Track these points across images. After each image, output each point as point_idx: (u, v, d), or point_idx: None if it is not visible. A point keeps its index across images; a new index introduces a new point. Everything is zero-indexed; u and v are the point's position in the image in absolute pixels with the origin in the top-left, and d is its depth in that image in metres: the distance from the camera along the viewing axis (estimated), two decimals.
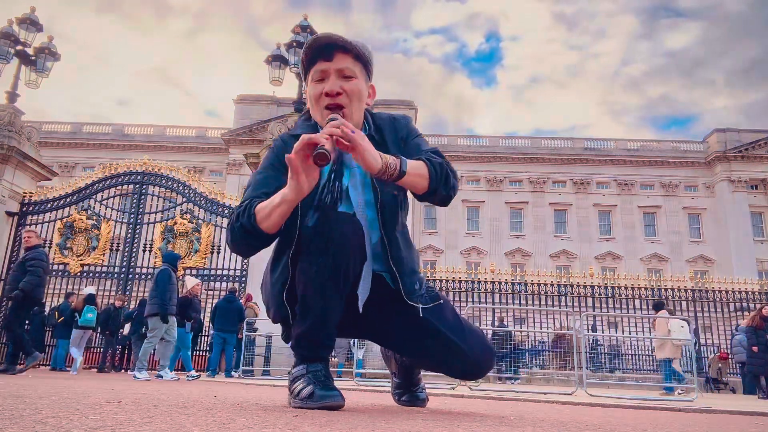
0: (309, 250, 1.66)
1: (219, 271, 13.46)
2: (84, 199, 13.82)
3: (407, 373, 2.17)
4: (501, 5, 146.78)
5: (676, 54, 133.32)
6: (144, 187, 13.85)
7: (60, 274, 13.60)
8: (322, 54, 1.79)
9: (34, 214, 13.55)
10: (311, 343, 1.71)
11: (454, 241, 39.04)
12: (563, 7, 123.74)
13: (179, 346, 9.29)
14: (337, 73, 1.79)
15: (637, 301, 15.79)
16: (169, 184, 13.97)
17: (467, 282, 16.00)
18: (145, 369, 7.86)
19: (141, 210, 13.72)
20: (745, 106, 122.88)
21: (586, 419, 2.08)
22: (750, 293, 15.98)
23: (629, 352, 18.31)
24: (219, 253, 13.37)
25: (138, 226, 13.61)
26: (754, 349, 10.70)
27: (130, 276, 13.54)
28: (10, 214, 13.09)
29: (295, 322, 1.73)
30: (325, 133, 1.56)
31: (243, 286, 12.98)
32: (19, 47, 12.49)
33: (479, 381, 8.90)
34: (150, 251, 13.54)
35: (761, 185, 38.19)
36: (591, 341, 14.50)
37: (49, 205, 13.62)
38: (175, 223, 13.52)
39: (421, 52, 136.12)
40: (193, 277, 10.83)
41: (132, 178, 13.93)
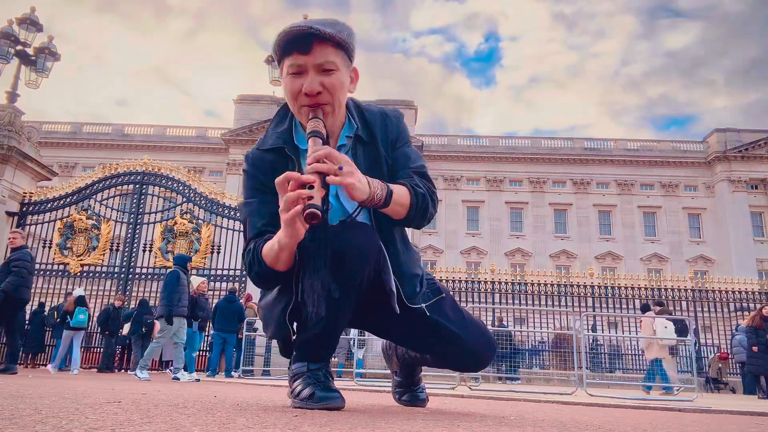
0: (313, 267, 1.60)
1: (219, 271, 13.47)
2: (84, 199, 13.83)
3: (409, 372, 2.17)
4: (500, 5, 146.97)
5: (675, 54, 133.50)
6: (144, 187, 13.86)
7: (60, 274, 13.61)
8: (298, 45, 1.60)
9: (34, 214, 13.56)
10: (316, 349, 1.70)
11: (454, 241, 39.03)
12: (562, 7, 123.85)
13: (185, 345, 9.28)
14: (316, 68, 1.61)
15: (637, 301, 15.77)
16: (169, 184, 13.99)
17: (467, 282, 16.01)
18: (147, 369, 7.85)
19: (141, 210, 13.73)
20: (745, 106, 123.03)
21: (586, 419, 2.07)
22: (750, 293, 15.98)
23: (629, 352, 18.30)
24: (219, 253, 13.38)
25: (138, 226, 13.62)
26: (754, 349, 10.72)
27: (130, 276, 13.55)
28: (10, 214, 13.09)
29: (299, 332, 1.69)
30: (311, 171, 1.45)
31: (243, 286, 12.99)
32: (19, 47, 12.49)
33: (479, 381, 8.90)
34: (150, 251, 13.56)
35: (761, 185, 38.18)
36: (591, 341, 14.48)
37: (49, 205, 13.63)
38: (175, 223, 13.52)
39: (420, 52, 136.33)
40: (198, 276, 10.85)
41: (132, 178, 13.94)
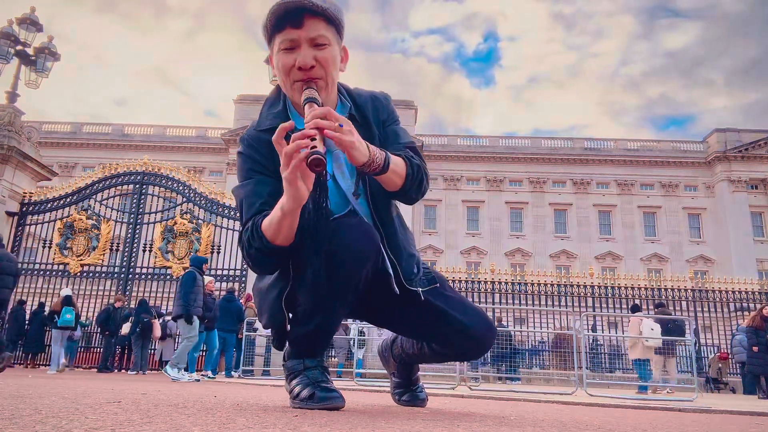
0: (310, 265, 1.58)
1: (219, 271, 13.47)
2: (84, 199, 13.83)
3: (406, 372, 2.17)
4: (499, 5, 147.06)
5: (675, 54, 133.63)
6: (144, 187, 13.86)
7: (60, 274, 13.61)
8: (290, 20, 1.60)
9: (34, 214, 13.56)
10: (310, 345, 1.70)
11: (454, 241, 39.01)
12: (561, 7, 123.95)
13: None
14: (309, 42, 1.61)
15: (637, 301, 15.78)
16: (169, 184, 13.99)
17: (467, 282, 16.01)
18: (181, 369, 7.96)
19: (141, 210, 13.73)
20: (745, 106, 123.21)
21: (586, 419, 2.07)
22: (750, 293, 15.97)
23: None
24: (219, 253, 13.38)
25: (138, 226, 13.62)
26: (755, 349, 10.71)
27: (130, 276, 13.55)
28: (10, 214, 13.09)
29: (294, 326, 1.68)
30: (311, 127, 1.43)
31: (243, 285, 12.99)
32: (19, 47, 12.48)
33: (479, 381, 8.90)
34: (150, 251, 13.56)
35: (761, 185, 38.16)
36: (591, 341, 14.48)
37: (49, 205, 13.63)
38: (175, 223, 13.52)
39: (419, 52, 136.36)
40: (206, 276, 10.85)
41: (132, 178, 13.94)
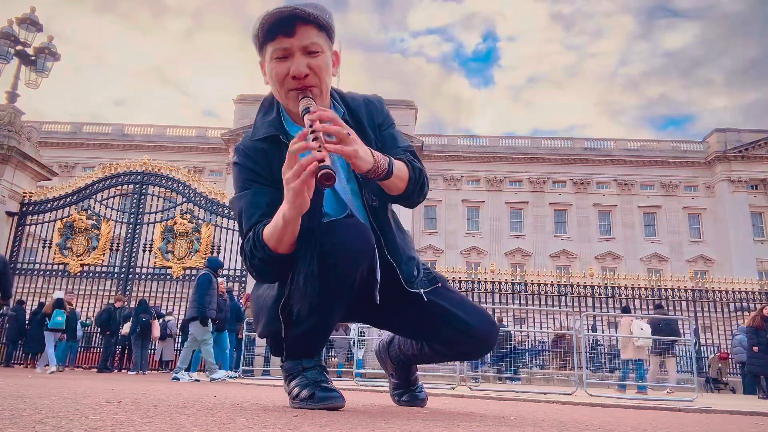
0: (305, 266, 1.57)
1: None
2: (84, 199, 13.83)
3: (404, 372, 2.16)
4: (498, 5, 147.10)
5: (674, 54, 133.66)
6: (144, 187, 13.86)
7: (60, 274, 13.61)
8: (282, 28, 1.60)
9: (34, 214, 13.56)
10: (307, 345, 1.70)
11: (454, 241, 39.01)
12: (560, 7, 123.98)
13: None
14: (302, 50, 1.61)
15: (637, 301, 15.79)
16: (169, 184, 13.98)
17: (467, 282, 16.00)
18: (216, 370, 8.13)
19: (141, 210, 13.73)
20: (744, 106, 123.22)
21: (586, 419, 2.07)
22: (750, 293, 15.97)
23: None
24: (219, 253, 13.37)
25: (138, 226, 13.62)
26: (755, 349, 10.71)
27: (130, 276, 13.55)
28: (10, 214, 13.09)
29: (290, 327, 1.67)
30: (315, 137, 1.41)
31: (243, 286, 13.00)
32: (19, 47, 12.48)
33: (479, 381, 8.90)
34: (150, 251, 13.55)
35: (761, 185, 38.16)
36: (591, 341, 14.48)
37: (49, 205, 13.63)
38: (175, 223, 13.52)
39: (418, 52, 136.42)
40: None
41: (132, 178, 13.94)
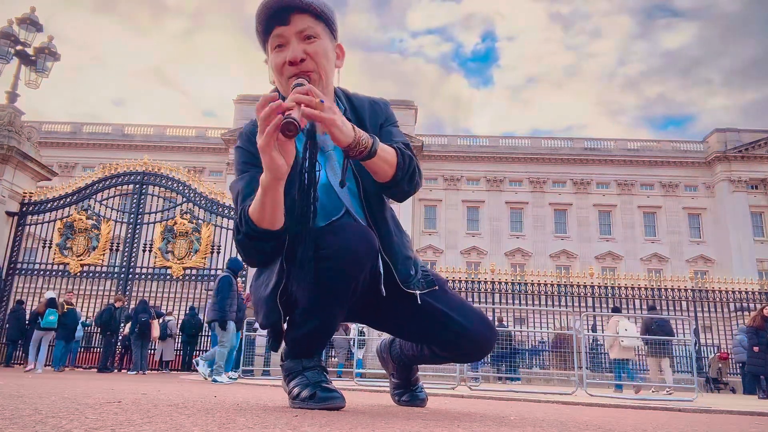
0: (305, 267, 1.54)
1: (219, 271, 13.46)
2: (84, 199, 13.83)
3: (405, 373, 2.15)
4: (497, 5, 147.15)
5: (673, 54, 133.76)
6: (144, 187, 13.86)
7: (60, 274, 13.61)
8: (277, 19, 1.61)
9: (34, 214, 13.56)
10: (308, 346, 1.69)
11: (454, 241, 39.01)
12: (559, 7, 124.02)
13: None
14: (298, 36, 1.61)
15: (637, 301, 15.79)
16: (169, 184, 13.99)
17: (467, 282, 16.00)
18: (222, 373, 8.02)
19: (141, 210, 13.73)
20: (744, 106, 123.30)
21: (586, 419, 2.07)
22: (750, 293, 15.98)
23: None
24: (219, 253, 13.38)
25: (138, 226, 13.62)
26: (755, 349, 10.72)
27: (130, 276, 13.55)
28: (10, 214, 13.09)
29: (291, 328, 1.66)
30: (291, 101, 1.41)
31: (243, 286, 12.98)
32: (19, 47, 12.49)
33: (479, 381, 8.90)
34: (150, 251, 13.56)
35: (761, 185, 38.16)
36: (591, 341, 14.47)
37: (49, 205, 13.63)
38: (175, 223, 13.53)
39: (417, 52, 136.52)
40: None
41: (132, 178, 13.94)
